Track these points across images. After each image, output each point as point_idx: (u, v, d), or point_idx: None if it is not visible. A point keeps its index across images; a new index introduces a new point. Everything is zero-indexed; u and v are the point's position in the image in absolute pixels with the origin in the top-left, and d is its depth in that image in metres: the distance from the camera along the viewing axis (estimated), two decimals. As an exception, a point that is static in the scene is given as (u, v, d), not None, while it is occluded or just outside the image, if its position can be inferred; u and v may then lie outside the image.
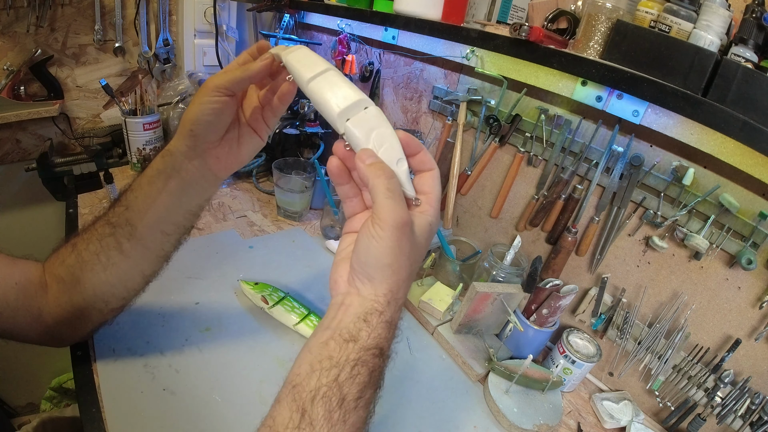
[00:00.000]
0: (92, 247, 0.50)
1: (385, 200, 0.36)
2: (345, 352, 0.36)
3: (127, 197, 0.51)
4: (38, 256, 0.53)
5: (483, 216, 0.94)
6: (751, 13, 0.49)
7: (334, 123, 0.40)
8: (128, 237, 0.50)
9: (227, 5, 1.27)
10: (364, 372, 0.36)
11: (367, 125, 0.39)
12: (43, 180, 1.05)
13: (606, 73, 0.56)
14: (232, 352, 0.66)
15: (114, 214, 0.50)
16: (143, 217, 0.50)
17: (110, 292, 0.52)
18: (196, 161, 0.50)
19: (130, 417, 0.54)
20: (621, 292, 0.73)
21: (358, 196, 0.43)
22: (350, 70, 1.09)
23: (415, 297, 0.83)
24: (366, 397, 0.36)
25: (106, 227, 0.50)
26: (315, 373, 0.35)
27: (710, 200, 0.61)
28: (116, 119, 1.17)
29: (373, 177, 0.37)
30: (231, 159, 0.52)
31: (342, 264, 0.41)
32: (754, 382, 0.61)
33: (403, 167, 0.39)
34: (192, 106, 0.47)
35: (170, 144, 0.50)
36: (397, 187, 0.38)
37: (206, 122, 0.47)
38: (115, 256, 0.50)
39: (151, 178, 0.50)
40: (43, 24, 1.03)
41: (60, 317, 0.51)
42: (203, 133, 0.48)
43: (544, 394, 0.70)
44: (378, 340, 0.37)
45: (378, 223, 0.36)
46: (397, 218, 0.36)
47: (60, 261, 0.51)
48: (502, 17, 0.80)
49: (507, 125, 0.82)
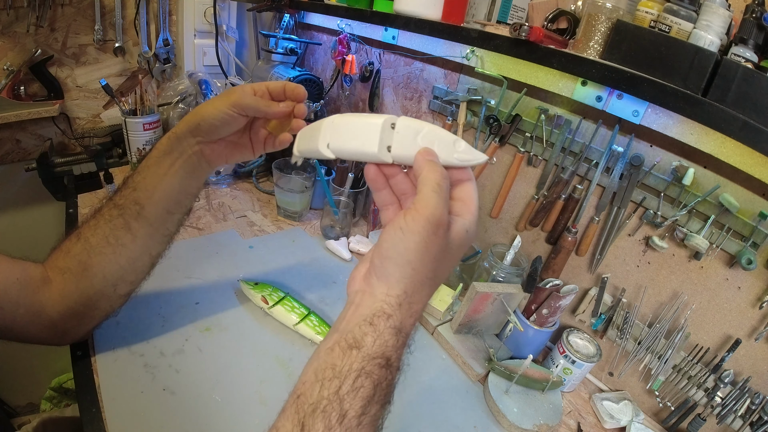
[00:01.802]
0: (100, 231, 0.52)
1: (430, 193, 0.34)
2: (348, 361, 0.33)
3: (133, 179, 0.53)
4: (38, 256, 0.53)
5: (483, 216, 0.94)
6: (751, 13, 0.49)
7: (381, 160, 0.38)
8: (136, 216, 0.52)
9: (227, 5, 1.27)
10: (368, 385, 0.33)
11: (407, 140, 0.38)
12: (43, 180, 1.05)
13: (606, 73, 0.56)
14: (232, 352, 0.66)
15: (121, 197, 0.53)
16: (151, 195, 0.53)
17: (120, 275, 0.54)
18: (196, 147, 0.54)
19: (130, 417, 0.54)
20: (621, 292, 0.73)
21: (396, 203, 0.41)
22: (350, 70, 1.09)
23: (415, 297, 0.83)
24: (371, 413, 0.33)
25: (113, 210, 0.53)
26: (318, 383, 0.33)
27: (710, 200, 0.61)
28: (116, 119, 1.17)
29: (428, 170, 0.36)
30: (222, 157, 0.56)
31: (366, 261, 0.39)
32: (754, 382, 0.61)
33: (461, 145, 0.38)
34: (209, 105, 0.51)
35: (177, 128, 0.53)
36: (446, 188, 0.36)
37: (214, 125, 0.51)
38: (123, 236, 0.52)
39: (158, 159, 0.53)
40: (43, 24, 1.03)
41: (66, 310, 0.51)
42: (207, 131, 0.52)
43: (544, 394, 0.70)
44: (384, 348, 0.34)
45: (412, 214, 0.34)
46: (434, 213, 0.34)
47: (64, 253, 0.52)
48: (502, 17, 0.80)
49: (507, 125, 0.82)
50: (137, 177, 0.53)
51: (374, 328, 0.34)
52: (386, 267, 0.35)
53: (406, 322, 0.35)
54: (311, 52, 1.38)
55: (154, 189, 0.53)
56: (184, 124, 0.52)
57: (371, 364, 0.33)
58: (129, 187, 0.53)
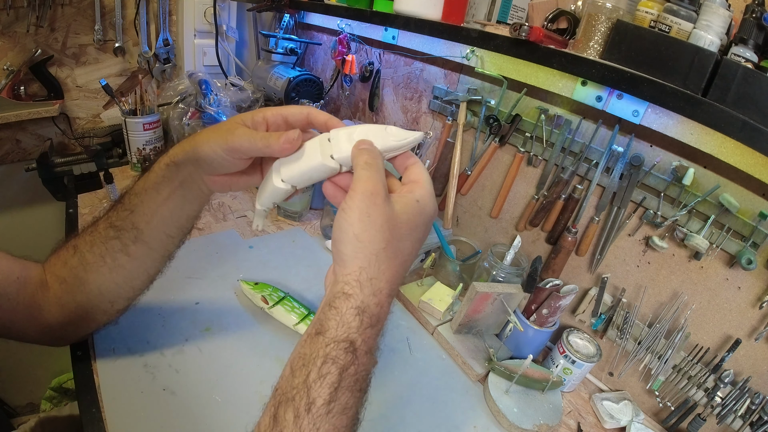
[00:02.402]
0: (96, 250, 0.50)
1: (360, 170, 0.36)
2: (315, 348, 0.33)
3: (130, 200, 0.49)
4: (38, 256, 0.53)
5: (483, 216, 0.94)
6: (751, 13, 0.49)
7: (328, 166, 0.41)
8: (134, 240, 0.50)
9: (227, 5, 1.27)
10: (333, 371, 0.32)
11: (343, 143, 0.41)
12: (43, 180, 1.05)
13: (606, 73, 0.56)
14: (232, 352, 0.66)
15: (118, 218, 0.50)
16: (149, 221, 0.49)
17: (116, 292, 0.53)
18: (196, 177, 0.49)
19: (130, 417, 0.54)
20: (621, 292, 0.73)
21: None
22: (350, 70, 1.09)
23: (415, 297, 0.83)
24: (341, 401, 0.32)
25: (110, 230, 0.50)
26: (291, 374, 0.33)
27: (710, 200, 0.61)
28: (116, 119, 1.17)
29: (358, 154, 0.38)
30: (226, 186, 0.51)
31: None
32: (754, 382, 0.61)
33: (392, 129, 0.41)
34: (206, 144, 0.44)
35: (175, 155, 0.47)
36: (376, 161, 0.38)
37: (209, 164, 0.46)
38: (121, 257, 0.50)
39: (157, 185, 0.49)
40: (43, 24, 1.03)
41: (63, 318, 0.51)
42: (204, 167, 0.47)
43: (544, 394, 0.70)
44: (348, 331, 0.33)
45: (349, 194, 0.35)
46: (367, 185, 0.35)
47: (62, 262, 0.51)
48: (502, 17, 0.80)
49: (507, 125, 0.83)
50: (135, 199, 0.49)
51: (337, 311, 0.34)
52: (339, 249, 0.36)
53: (368, 301, 0.35)
54: (311, 52, 1.38)
55: (153, 214, 0.49)
56: (183, 153, 0.46)
57: (336, 348, 0.33)
58: (126, 209, 0.49)
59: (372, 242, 0.35)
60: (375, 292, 0.35)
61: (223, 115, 1.09)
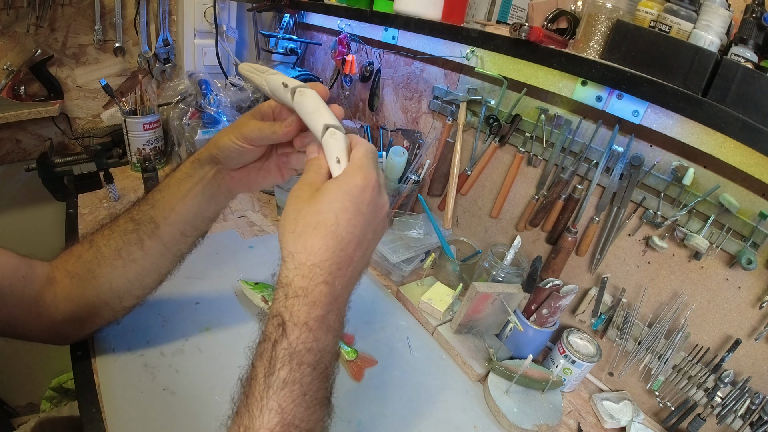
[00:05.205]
0: (113, 243, 0.52)
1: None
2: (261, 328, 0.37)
3: (154, 196, 0.53)
4: (38, 256, 0.53)
5: (483, 216, 0.95)
6: (751, 13, 0.49)
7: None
8: (150, 234, 0.52)
9: (227, 5, 1.27)
10: (267, 346, 0.35)
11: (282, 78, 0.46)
12: (43, 180, 1.05)
13: (606, 73, 0.56)
14: (232, 352, 0.66)
15: (138, 212, 0.53)
16: (168, 215, 0.52)
17: (127, 289, 0.54)
18: (216, 174, 0.53)
19: (130, 417, 0.54)
20: (621, 292, 0.73)
21: None
22: (350, 70, 1.09)
23: (415, 297, 0.83)
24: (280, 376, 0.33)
25: (129, 223, 0.52)
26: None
27: (710, 200, 0.61)
28: (116, 119, 1.16)
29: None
30: (244, 184, 0.55)
31: None
32: (754, 382, 0.61)
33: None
34: (224, 135, 0.50)
35: (199, 153, 0.53)
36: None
37: (228, 156, 0.51)
38: (135, 252, 0.52)
39: (180, 180, 0.53)
40: (43, 24, 1.03)
41: (69, 313, 0.52)
42: (224, 161, 0.52)
43: (544, 394, 0.70)
44: (277, 306, 0.36)
45: None
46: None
47: (75, 257, 0.52)
48: (502, 17, 0.80)
49: (507, 125, 0.83)
50: (157, 194, 0.53)
51: (276, 292, 0.37)
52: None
53: (291, 274, 0.36)
54: (311, 52, 1.38)
55: (171, 210, 0.52)
56: (205, 151, 0.52)
57: (270, 324, 0.36)
58: (148, 203, 0.53)
59: (285, 224, 0.38)
60: (298, 265, 0.36)
61: (223, 115, 1.09)
